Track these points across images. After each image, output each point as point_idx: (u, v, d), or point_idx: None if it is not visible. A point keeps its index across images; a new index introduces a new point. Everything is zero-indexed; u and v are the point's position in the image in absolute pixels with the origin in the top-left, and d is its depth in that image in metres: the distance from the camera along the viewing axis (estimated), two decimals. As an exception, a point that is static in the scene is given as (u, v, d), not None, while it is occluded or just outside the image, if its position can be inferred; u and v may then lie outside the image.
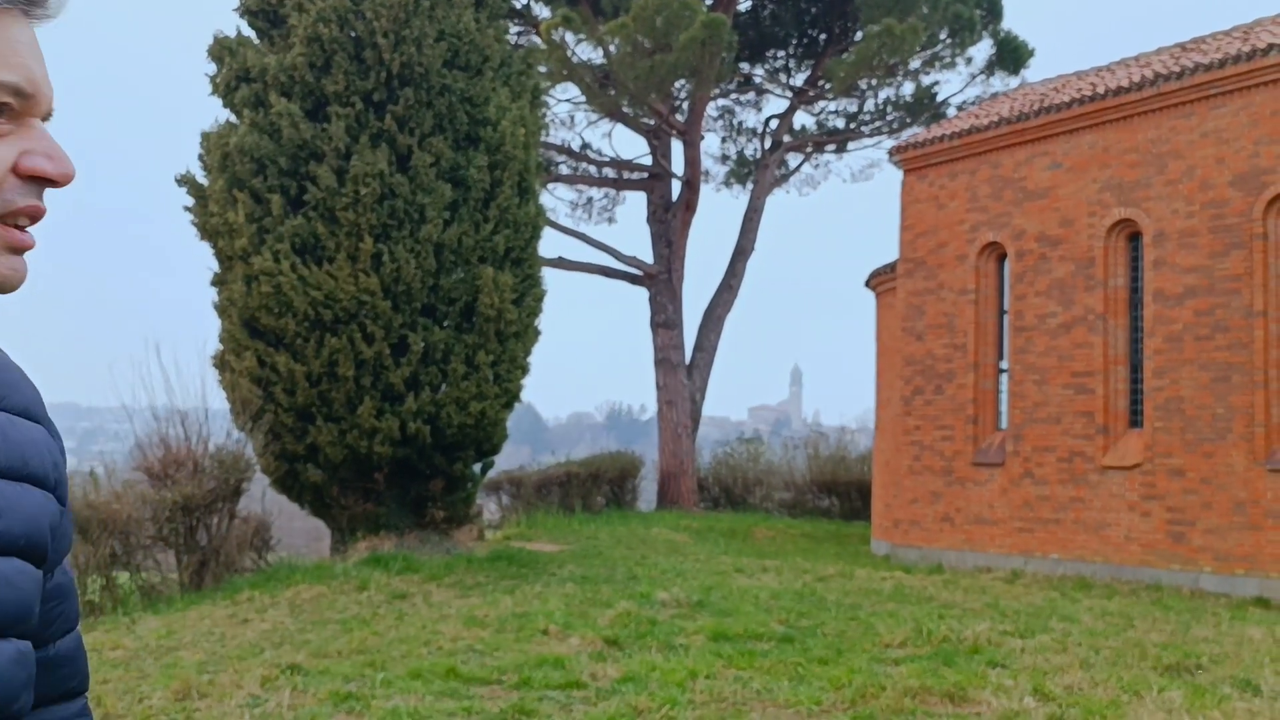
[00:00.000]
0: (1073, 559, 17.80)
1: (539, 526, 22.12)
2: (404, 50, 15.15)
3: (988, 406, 19.71)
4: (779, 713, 7.70)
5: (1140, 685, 8.34)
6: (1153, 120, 17.52)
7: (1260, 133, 16.21)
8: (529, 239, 16.14)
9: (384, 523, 15.73)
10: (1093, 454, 17.81)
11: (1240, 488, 16.01)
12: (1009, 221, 19.29)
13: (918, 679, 8.38)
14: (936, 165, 20.55)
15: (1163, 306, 17.13)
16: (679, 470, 29.23)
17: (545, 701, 7.85)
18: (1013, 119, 19.27)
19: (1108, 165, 18.00)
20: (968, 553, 19.27)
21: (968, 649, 9.82)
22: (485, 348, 15.53)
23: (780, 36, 33.49)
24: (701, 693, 8.11)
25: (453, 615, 11.31)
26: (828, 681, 8.40)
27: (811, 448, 30.29)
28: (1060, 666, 9.05)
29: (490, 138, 15.79)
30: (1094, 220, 18.09)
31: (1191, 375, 16.69)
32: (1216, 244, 16.57)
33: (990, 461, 19.25)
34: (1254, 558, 15.75)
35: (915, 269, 20.79)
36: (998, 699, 7.93)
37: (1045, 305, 18.65)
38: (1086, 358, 18.02)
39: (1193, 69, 16.91)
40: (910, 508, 20.48)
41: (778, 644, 10.01)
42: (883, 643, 10.09)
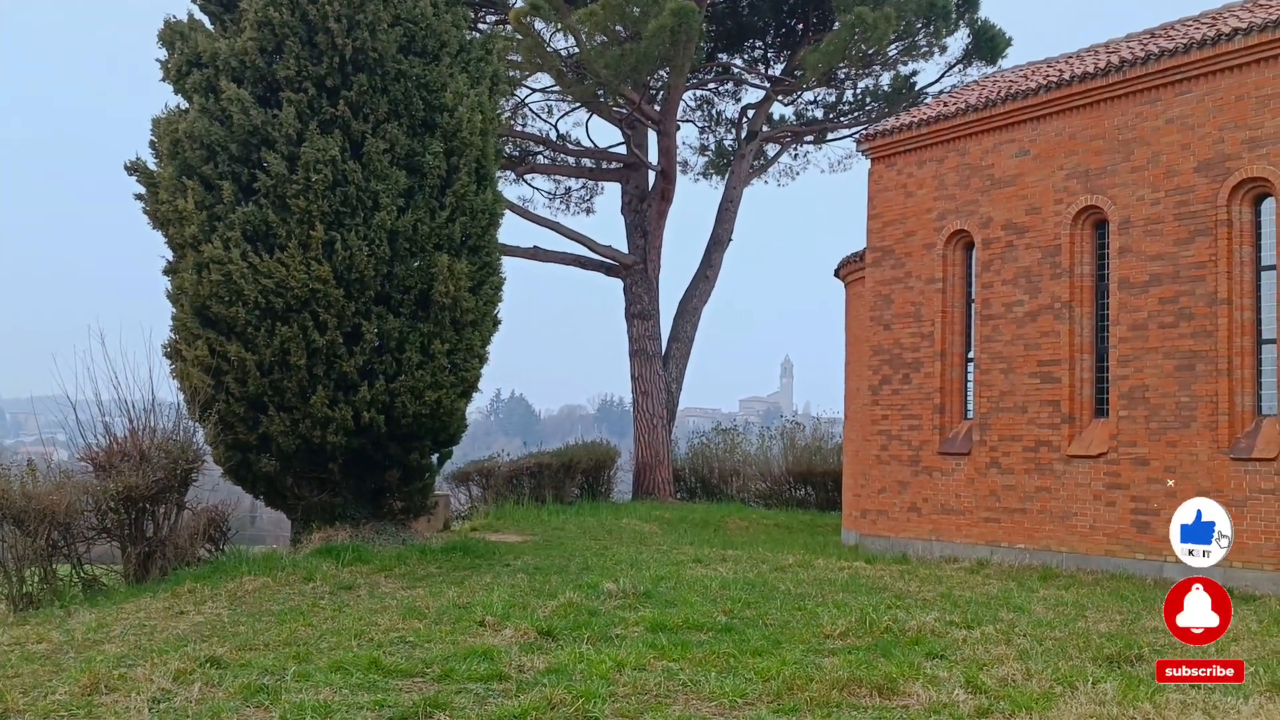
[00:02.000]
0: (1039, 549, 17.67)
1: (507, 518, 21.98)
2: (357, 35, 14.95)
3: (955, 396, 19.56)
4: (701, 705, 7.55)
5: (1076, 677, 8.21)
6: (1119, 107, 17.36)
7: (1224, 119, 16.05)
8: (486, 226, 15.94)
9: (340, 513, 15.56)
10: (1058, 443, 17.67)
11: (1204, 476, 15.88)
12: (976, 209, 19.13)
13: (849, 670, 8.23)
14: (904, 153, 20.38)
15: (1128, 294, 16.98)
16: (654, 461, 29.08)
17: (463, 694, 7.70)
18: (979, 106, 19.10)
19: (1074, 152, 17.84)
20: (935, 543, 19.14)
21: (909, 640, 9.68)
22: (441, 336, 15.35)
23: (758, 26, 33.32)
24: (626, 685, 7.96)
25: (393, 606, 11.15)
26: (757, 673, 8.26)
27: (788, 438, 30.14)
28: (999, 658, 8.91)
29: (447, 124, 15.60)
30: (1060, 208, 17.93)
31: (1156, 363, 16.55)
32: (1181, 231, 16.42)
33: (957, 451, 19.11)
34: (1217, 547, 15.60)
35: (883, 258, 20.63)
36: (927, 691, 7.79)
37: (1012, 293, 18.50)
38: (1053, 346, 17.88)
39: (1158, 55, 16.75)
40: (878, 497, 20.34)
41: (716, 634, 9.86)
42: (823, 633, 9.95)
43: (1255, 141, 15.69)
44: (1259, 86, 15.71)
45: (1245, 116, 15.82)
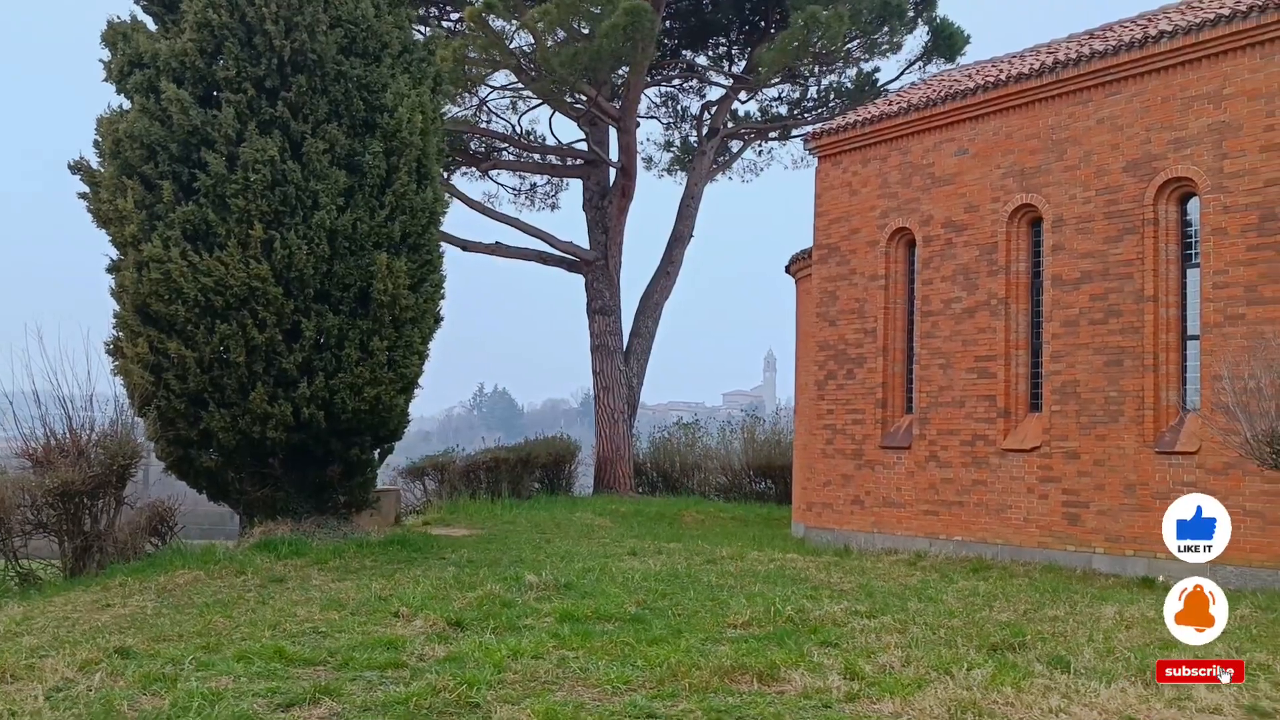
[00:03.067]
0: (975, 541, 18.01)
1: (461, 512, 22.23)
2: (295, 37, 15.17)
3: (897, 390, 19.89)
4: (584, 691, 7.84)
5: (954, 664, 8.51)
6: (1053, 107, 17.68)
7: (1152, 119, 16.39)
8: (426, 225, 16.19)
9: (282, 508, 15.82)
10: (994, 437, 18.02)
11: (1131, 470, 16.24)
12: (918, 207, 19.45)
13: (736, 658, 8.53)
14: (850, 152, 20.68)
15: (1060, 291, 17.31)
16: (615, 456, 29.38)
17: (356, 681, 7.96)
18: (921, 106, 19.40)
19: (1011, 151, 18.17)
20: (877, 535, 19.48)
21: (808, 629, 9.99)
22: (380, 333, 15.61)
23: (722, 23, 33.58)
24: (517, 672, 8.24)
25: (317, 598, 11.41)
26: (647, 661, 8.54)
27: (748, 432, 30.45)
28: (887, 646, 9.21)
29: (387, 124, 15.83)
30: (997, 206, 18.26)
31: (1086, 359, 16.89)
32: (1111, 229, 16.76)
33: (898, 445, 19.44)
34: (1143, 538, 15.98)
35: (829, 255, 20.94)
36: (804, 678, 8.09)
37: (950, 290, 18.83)
38: (989, 342, 18.21)
39: (1089, 56, 17.07)
40: (823, 490, 20.67)
41: (623, 624, 10.15)
42: (727, 622, 10.25)
43: (1180, 142, 16.03)
44: (1184, 88, 16.04)
45: (1171, 117, 16.16)
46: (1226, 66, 15.63)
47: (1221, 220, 15.50)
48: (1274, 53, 15.14)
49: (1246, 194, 15.26)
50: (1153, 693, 7.85)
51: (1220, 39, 15.59)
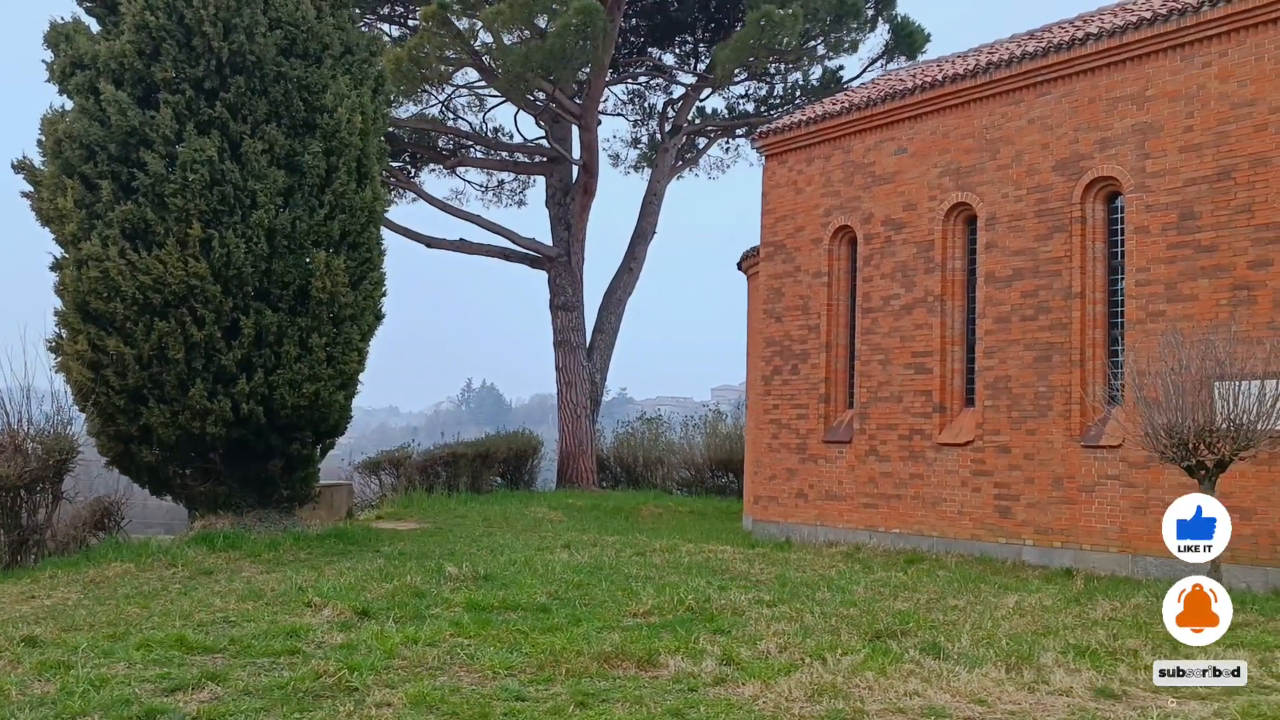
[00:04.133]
0: (912, 533, 18.35)
1: (415, 506, 22.52)
2: (234, 39, 15.42)
3: (839, 386, 20.21)
4: (465, 676, 8.14)
5: (830, 650, 8.82)
6: (987, 107, 18.00)
7: (1080, 120, 16.70)
8: (366, 224, 16.47)
9: (224, 501, 16.09)
10: (930, 432, 18.35)
11: (1059, 463, 16.57)
12: (859, 205, 19.76)
13: (621, 645, 8.83)
14: (795, 150, 20.98)
15: (993, 288, 17.64)
16: (578, 450, 29.69)
17: (248, 667, 8.25)
18: (862, 105, 19.71)
19: (947, 150, 18.48)
20: (819, 528, 19.81)
21: (706, 617, 10.31)
22: (319, 330, 15.88)
23: (688, 21, 33.86)
24: (406, 659, 8.54)
25: (239, 590, 11.69)
26: (535, 647, 8.85)
27: (710, 427, 30.76)
28: (774, 634, 9.52)
29: (327, 125, 16.10)
30: (934, 204, 18.58)
31: (1017, 355, 17.22)
32: (1041, 227, 17.08)
33: (840, 439, 19.76)
34: (1069, 530, 16.32)
35: (775, 252, 21.24)
36: (680, 663, 8.39)
37: (889, 287, 19.14)
38: (926, 338, 18.53)
39: (1020, 58, 17.38)
40: (769, 484, 20.99)
41: (527, 613, 10.45)
42: (630, 611, 10.55)
43: (1106, 142, 16.35)
44: (1109, 89, 16.37)
45: (1097, 118, 16.48)
46: (1149, 69, 15.96)
47: (1144, 219, 15.84)
48: (1193, 55, 15.46)
49: (1167, 193, 15.59)
50: (1013, 677, 8.17)
51: (1143, 41, 15.91)
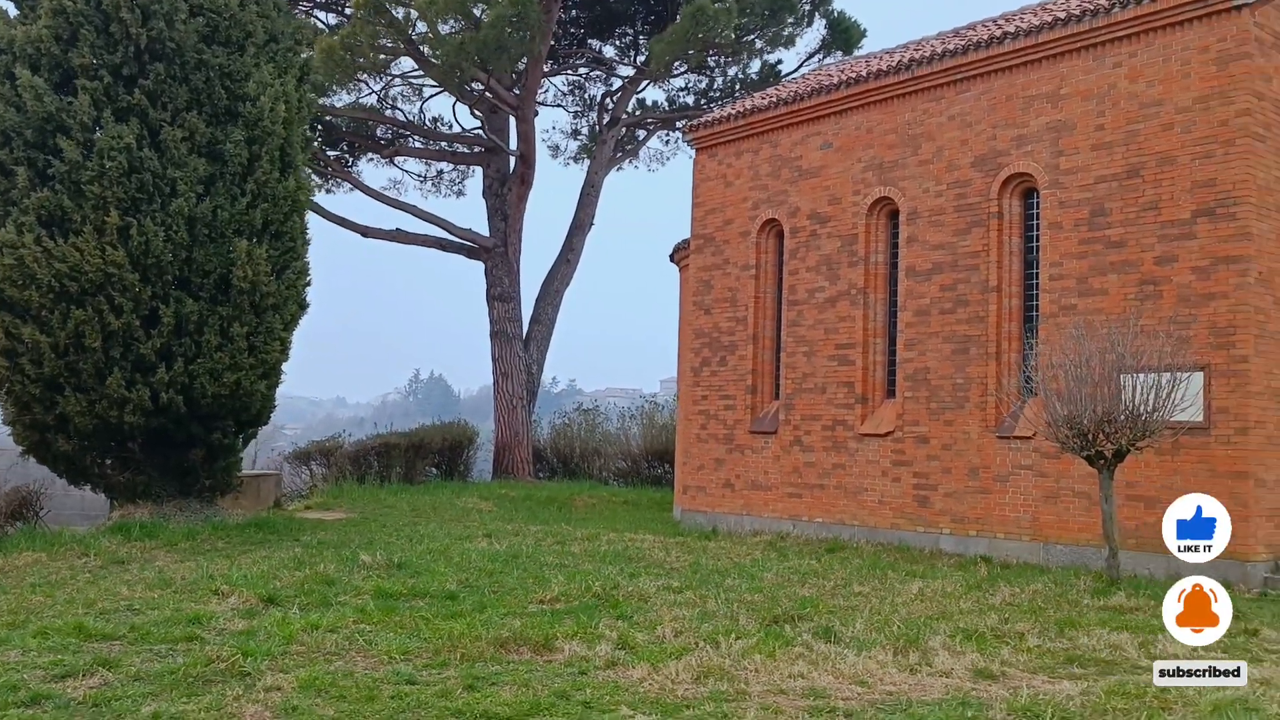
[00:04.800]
0: (835, 522, 18.63)
1: (345, 496, 22.48)
2: (153, 25, 15.31)
3: (766, 377, 20.45)
4: (360, 660, 8.22)
5: (725, 635, 9.00)
6: (909, 103, 18.28)
7: (998, 117, 17.03)
8: (289, 213, 16.42)
9: (143, 491, 16.00)
10: (853, 422, 18.63)
11: (975, 454, 16.91)
12: (786, 199, 19.99)
13: (520, 631, 8.96)
14: (724, 144, 21.17)
15: (914, 281, 17.94)
16: (514, 441, 29.73)
17: (142, 654, 8.28)
18: (789, 100, 19.94)
19: (871, 145, 18.75)
20: (746, 517, 20.04)
21: (611, 604, 10.46)
22: (241, 320, 15.83)
23: (628, 13, 33.93)
24: (304, 644, 8.61)
25: (149, 579, 11.67)
26: (434, 633, 8.95)
27: (647, 418, 30.92)
28: (674, 619, 9.69)
29: (249, 113, 16.03)
30: (858, 198, 18.85)
31: (936, 347, 17.53)
32: (960, 222, 17.39)
33: (766, 429, 20.00)
34: (984, 520, 16.67)
35: (705, 245, 21.43)
36: (576, 648, 8.54)
37: (814, 280, 19.40)
38: (849, 330, 18.81)
39: (941, 55, 17.67)
40: (697, 474, 21.20)
41: (434, 600, 10.55)
42: (536, 598, 10.68)
43: (1022, 139, 16.68)
44: (1025, 88, 16.69)
45: (1014, 115, 16.81)
46: (1063, 68, 16.30)
47: (1057, 215, 16.19)
48: (1104, 55, 15.82)
49: (1079, 190, 15.95)
50: (899, 660, 8.40)
51: (1057, 41, 16.25)
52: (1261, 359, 14.32)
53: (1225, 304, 14.40)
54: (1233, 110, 14.50)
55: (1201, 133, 14.76)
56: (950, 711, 6.96)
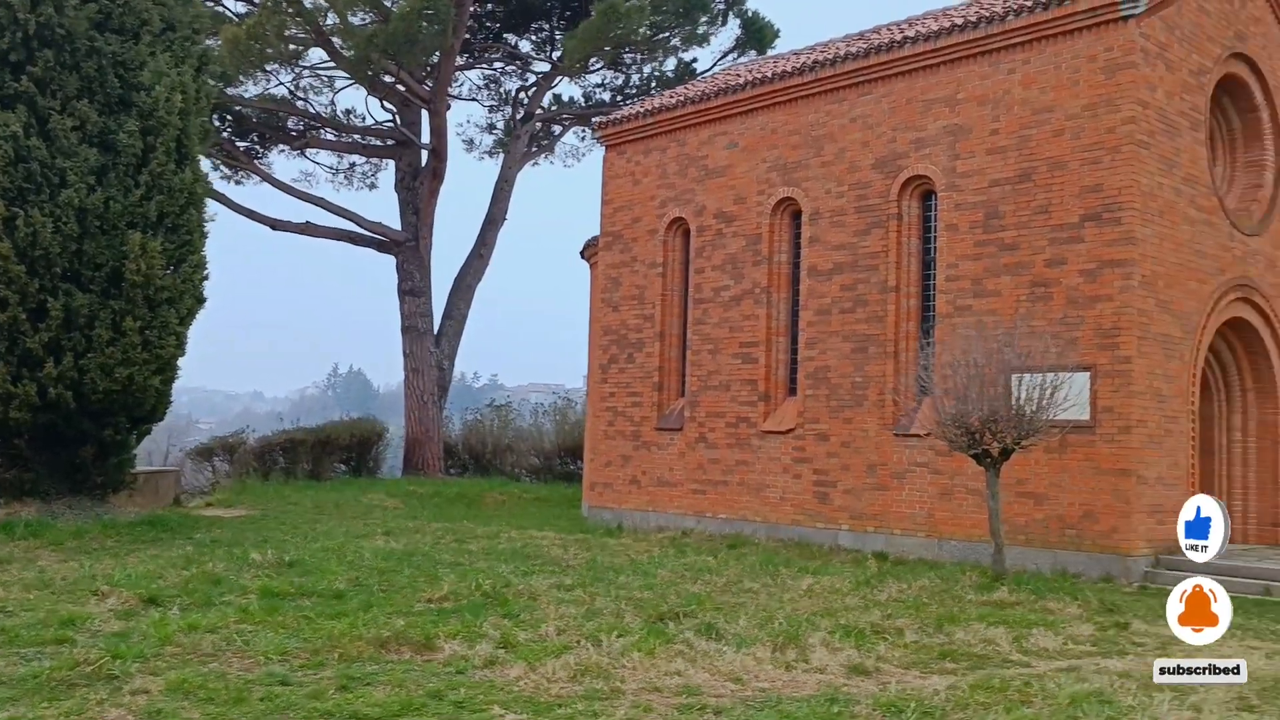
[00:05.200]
0: (738, 518, 18.81)
1: (248, 493, 22.15)
2: (42, 11, 14.94)
3: (673, 374, 20.58)
4: (235, 662, 8.12)
5: (608, 632, 9.05)
6: (813, 104, 18.50)
7: (898, 119, 17.31)
8: (185, 205, 16.12)
9: (30, 488, 15.62)
10: (756, 420, 18.83)
11: (873, 451, 17.19)
12: (693, 198, 20.12)
13: (403, 630, 8.91)
14: (633, 142, 21.24)
15: (815, 281, 18.17)
16: (425, 437, 29.53)
17: (8, 658, 8.07)
18: (696, 99, 20.07)
19: (775, 146, 18.94)
20: (651, 513, 20.15)
21: (499, 602, 10.45)
22: (134, 314, 15.51)
23: (545, 8, 33.83)
24: (180, 646, 8.47)
25: (28, 579, 11.39)
26: (315, 633, 8.87)
27: (560, 415, 30.90)
28: (559, 617, 9.72)
29: (144, 103, 15.71)
30: (762, 198, 19.04)
31: (837, 346, 17.79)
32: (860, 223, 17.66)
33: (672, 426, 20.13)
34: (882, 516, 16.96)
35: (613, 242, 21.49)
36: (457, 647, 8.52)
37: (720, 279, 19.55)
38: (753, 329, 18.99)
39: (844, 58, 17.91)
40: (604, 470, 21.26)
41: (321, 599, 10.45)
42: (425, 597, 10.63)
43: (921, 142, 16.99)
44: (924, 91, 17.00)
45: (914, 118, 17.10)
46: (960, 73, 16.63)
47: (954, 217, 16.51)
48: (1000, 62, 16.16)
49: (975, 193, 16.29)
50: (776, 657, 8.52)
51: (955, 47, 16.57)
52: (1144, 360, 14.76)
53: (1110, 306, 14.81)
54: (1119, 118, 14.92)
55: (1090, 139, 15.16)
56: (817, 707, 7.09)
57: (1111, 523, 14.55)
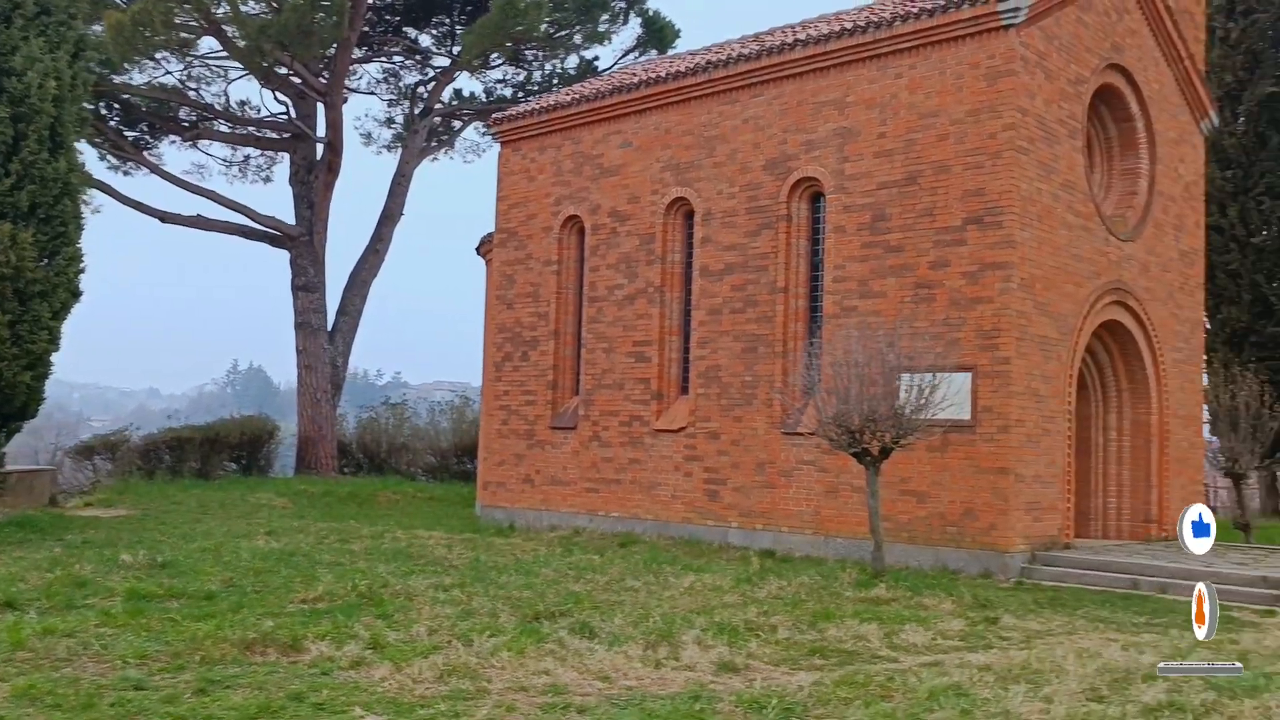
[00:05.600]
0: (629, 517, 18.84)
1: (131, 493, 21.56)
2: (-95, -9, 14.35)
3: (567, 373, 20.53)
4: (92, 667, 7.89)
5: (480, 632, 8.99)
6: (706, 105, 18.60)
7: (788, 121, 17.49)
8: (59, 196, 15.63)
9: (-108, 489, 15.00)
10: (648, 418, 18.87)
11: (761, 449, 17.35)
12: (588, 196, 20.10)
13: (270, 632, 8.74)
14: (529, 139, 21.15)
15: (707, 281, 18.28)
16: (318, 436, 29.05)
17: None
18: (591, 98, 20.05)
19: (669, 146, 19.01)
20: (545, 512, 20.08)
21: (375, 602, 10.32)
22: (2, 307, 14.98)
23: (445, 3, 33.49)
24: (33, 650, 8.20)
25: (-122, 583, 10.93)
26: (179, 635, 8.65)
27: (457, 413, 30.65)
28: (434, 617, 9.62)
29: (15, 89, 15.18)
30: (656, 198, 19.09)
31: (728, 345, 17.91)
32: (751, 224, 17.80)
33: (565, 425, 20.08)
34: (770, 514, 17.12)
35: (508, 239, 21.37)
36: (324, 648, 8.39)
37: (614, 277, 19.56)
38: (646, 328, 19.04)
39: (736, 59, 18.04)
40: (498, 469, 21.13)
41: (191, 601, 10.21)
42: (299, 598, 10.45)
43: (810, 144, 17.18)
44: (815, 94, 17.20)
45: (804, 121, 17.29)
46: (850, 76, 16.86)
47: (842, 219, 16.73)
48: (888, 66, 16.42)
49: (862, 195, 16.52)
50: (648, 655, 8.54)
51: (845, 50, 16.79)
52: (1023, 360, 15.13)
53: (990, 308, 15.15)
54: (1000, 124, 15.26)
55: (972, 144, 15.48)
56: (681, 705, 7.11)
57: (990, 520, 14.88)
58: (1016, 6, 15.12)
